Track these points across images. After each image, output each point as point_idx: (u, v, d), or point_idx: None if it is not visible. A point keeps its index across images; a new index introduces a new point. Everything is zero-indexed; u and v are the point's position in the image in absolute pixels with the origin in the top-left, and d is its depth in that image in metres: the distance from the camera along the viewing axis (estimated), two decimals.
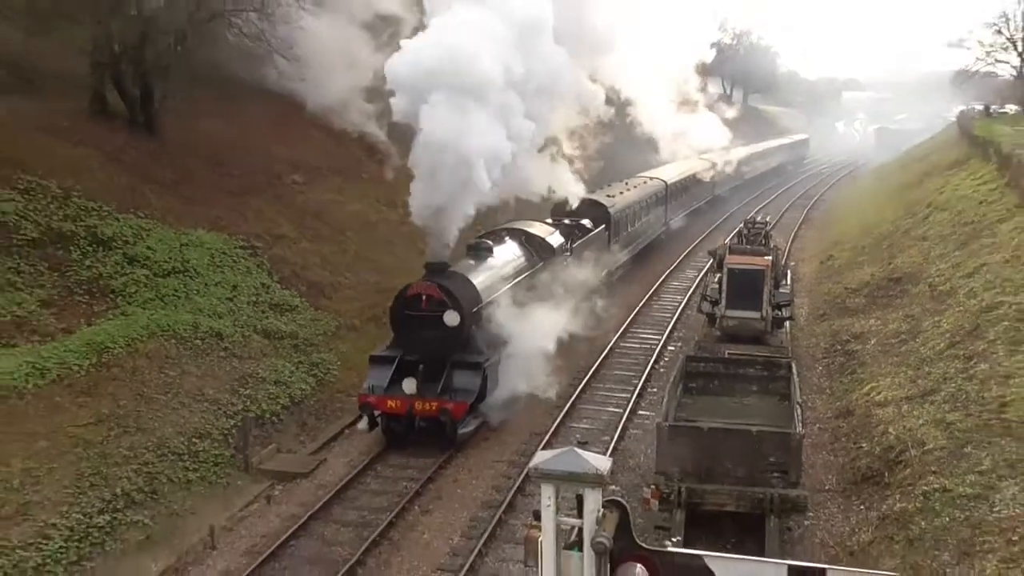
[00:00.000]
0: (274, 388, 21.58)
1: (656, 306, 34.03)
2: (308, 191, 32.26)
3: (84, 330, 20.08)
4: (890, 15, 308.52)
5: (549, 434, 21.47)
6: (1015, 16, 71.86)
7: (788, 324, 27.28)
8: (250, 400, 20.72)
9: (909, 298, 27.70)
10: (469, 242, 24.25)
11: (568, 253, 27.83)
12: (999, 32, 73.39)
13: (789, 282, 28.56)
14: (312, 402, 22.35)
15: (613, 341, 28.52)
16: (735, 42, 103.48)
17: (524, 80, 22.40)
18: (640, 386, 24.81)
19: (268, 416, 20.89)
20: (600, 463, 6.53)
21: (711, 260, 28.37)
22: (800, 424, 16.75)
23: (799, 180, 77.85)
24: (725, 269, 25.80)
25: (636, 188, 38.65)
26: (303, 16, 30.69)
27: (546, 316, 23.44)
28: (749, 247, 27.65)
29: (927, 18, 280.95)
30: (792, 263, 36.73)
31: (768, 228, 31.47)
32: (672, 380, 19.37)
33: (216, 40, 32.01)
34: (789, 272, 30.33)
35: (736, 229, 32.23)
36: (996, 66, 78.61)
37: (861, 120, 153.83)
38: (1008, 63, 76.61)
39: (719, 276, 26.19)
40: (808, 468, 18.62)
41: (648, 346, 28.62)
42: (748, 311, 25.35)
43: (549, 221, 29.45)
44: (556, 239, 27.36)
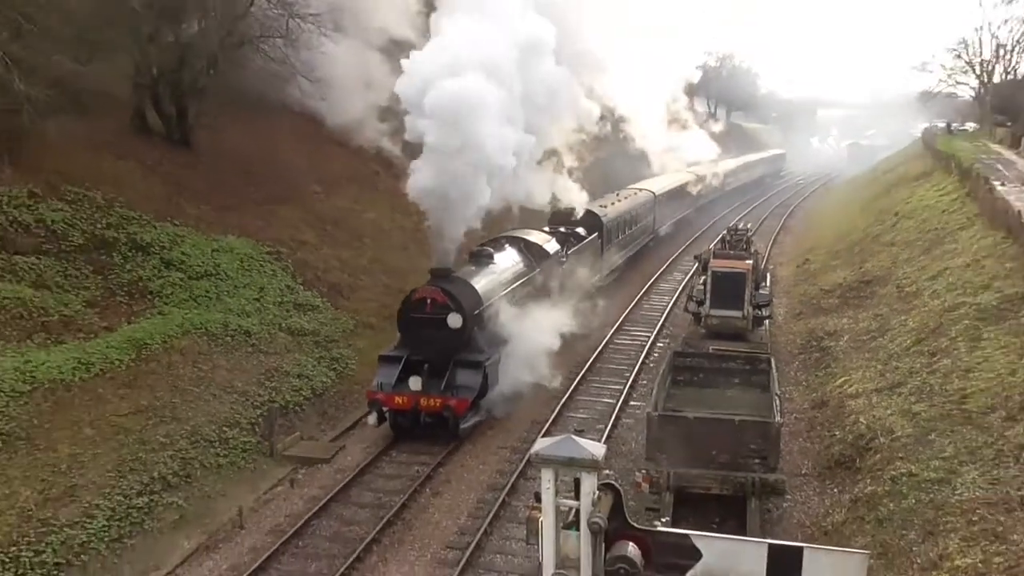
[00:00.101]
0: (297, 381, 21.56)
1: (647, 306, 33.95)
2: (328, 200, 32.25)
3: (125, 328, 20.09)
4: (861, 40, 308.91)
5: (549, 423, 21.43)
6: (973, 43, 72.45)
7: (767, 322, 27.31)
8: (275, 392, 20.71)
9: (878, 299, 27.64)
10: (471, 249, 24.10)
11: (564, 259, 27.61)
12: (959, 57, 73.92)
13: (768, 284, 28.52)
14: (332, 394, 22.32)
15: (607, 338, 28.45)
16: (719, 64, 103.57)
17: (525, 97, 22.24)
18: (632, 379, 24.76)
19: (292, 406, 20.88)
20: (595, 449, 6.52)
21: (697, 264, 28.37)
22: (779, 414, 16.73)
23: (777, 191, 77.64)
24: (709, 272, 25.84)
25: (627, 199, 38.51)
26: (324, 42, 30.71)
27: (543, 317, 23.36)
28: (732, 252, 27.63)
29: (894, 43, 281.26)
30: (771, 267, 36.64)
31: (749, 234, 31.42)
32: (661, 373, 19.33)
33: (245, 63, 32.05)
34: (768, 275, 30.29)
35: (720, 235, 32.16)
36: (957, 87, 79.21)
37: (834, 136, 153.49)
38: (967, 84, 77.23)
39: (704, 278, 26.21)
40: (786, 454, 18.60)
41: (639, 342, 28.55)
42: (731, 310, 25.39)
43: (546, 229, 29.21)
44: (552, 246, 27.14)
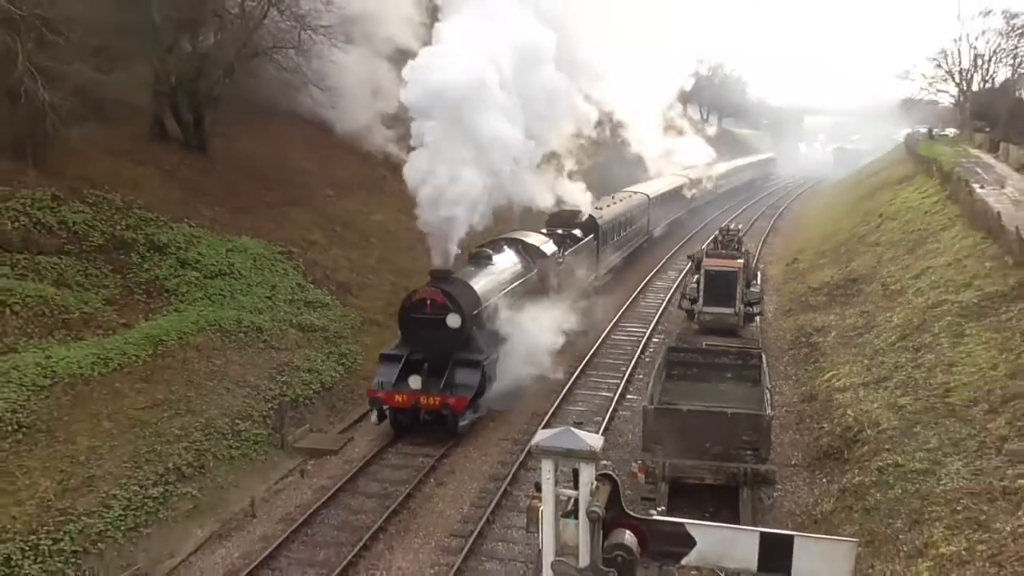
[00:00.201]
0: (307, 375, 21.43)
1: (642, 303, 33.82)
2: (338, 203, 32.17)
3: (142, 325, 19.99)
4: (846, 50, 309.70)
5: (548, 415, 21.30)
6: (953, 53, 72.69)
7: (758, 319, 27.19)
8: (286, 386, 20.58)
9: (864, 296, 27.52)
10: (471, 250, 23.79)
11: (561, 260, 27.27)
12: (939, 66, 74.28)
13: (759, 282, 28.41)
14: (341, 387, 22.20)
15: (604, 334, 28.32)
16: (711, 73, 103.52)
17: (526, 101, 22.03)
18: (628, 373, 24.62)
19: (302, 400, 20.75)
20: (593, 441, 6.38)
21: (690, 263, 28.26)
22: (769, 407, 16.68)
23: (767, 193, 77.49)
24: (702, 271, 25.76)
25: (622, 201, 38.28)
26: (334, 52, 30.64)
27: (542, 316, 23.14)
28: (724, 251, 27.57)
29: (878, 53, 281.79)
30: (762, 266, 36.44)
31: (740, 235, 31.30)
32: (656, 368, 19.25)
33: (259, 73, 32.05)
34: (759, 273, 30.16)
35: (712, 236, 32.03)
36: (937, 95, 79.73)
37: (821, 141, 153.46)
38: (947, 92, 77.77)
39: (697, 277, 26.12)
40: (776, 446, 18.49)
41: (635, 338, 28.41)
42: (723, 308, 25.29)
43: (544, 231, 28.89)
44: (550, 247, 26.76)
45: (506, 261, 24.34)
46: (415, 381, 19.58)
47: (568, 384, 23.44)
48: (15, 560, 13.02)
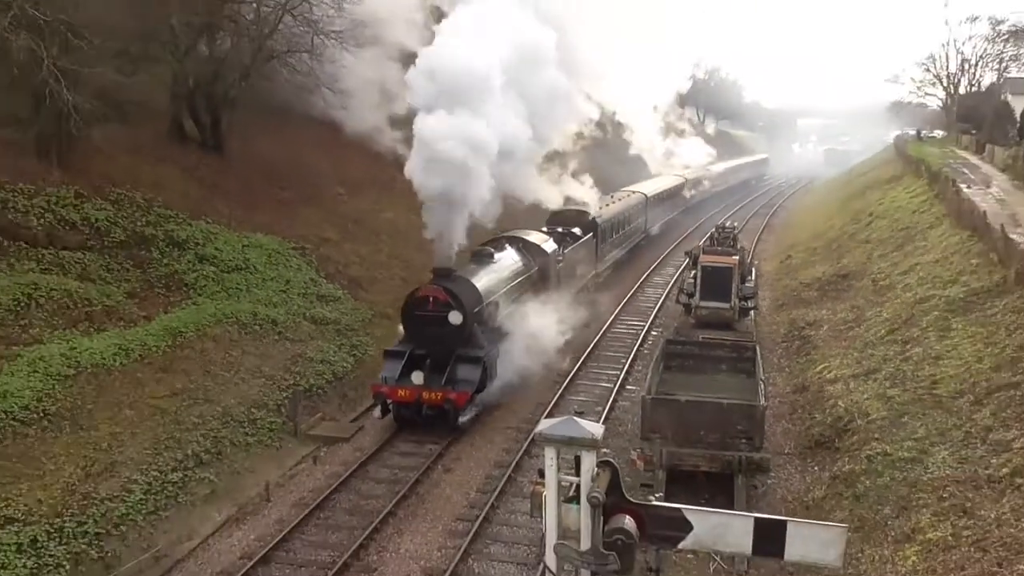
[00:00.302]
0: (320, 366, 21.41)
1: (641, 298, 33.76)
2: (349, 201, 32.16)
3: (162, 317, 20.02)
4: (837, 55, 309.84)
5: (551, 405, 21.29)
6: (940, 57, 72.63)
7: (753, 313, 27.14)
8: (300, 376, 20.57)
9: (855, 292, 27.45)
10: (473, 249, 23.40)
11: (560, 258, 26.87)
12: (928, 70, 74.34)
13: (753, 278, 28.35)
14: (352, 378, 22.16)
15: (604, 328, 28.28)
16: (707, 77, 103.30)
17: (528, 101, 21.83)
18: (628, 365, 24.59)
19: (315, 389, 20.73)
20: (594, 429, 6.37)
21: (688, 259, 28.20)
22: (763, 398, 16.63)
23: (762, 192, 77.28)
24: (699, 267, 25.71)
25: (620, 200, 38.09)
26: (345, 56, 30.57)
27: (543, 312, 22.99)
28: (720, 248, 27.48)
29: (868, 58, 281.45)
30: (756, 262, 36.37)
31: (735, 232, 31.22)
32: (655, 360, 19.21)
33: (273, 76, 31.99)
34: (753, 269, 30.10)
35: (708, 233, 31.95)
36: (925, 98, 79.84)
37: (813, 142, 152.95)
38: (935, 95, 77.83)
39: (694, 273, 26.05)
40: (770, 435, 18.42)
41: (634, 332, 28.37)
42: (719, 302, 25.25)
43: (544, 229, 28.57)
44: (550, 245, 26.38)
45: (507, 259, 24.07)
46: (418, 376, 19.31)
47: (570, 375, 23.43)
48: (41, 541, 13.07)
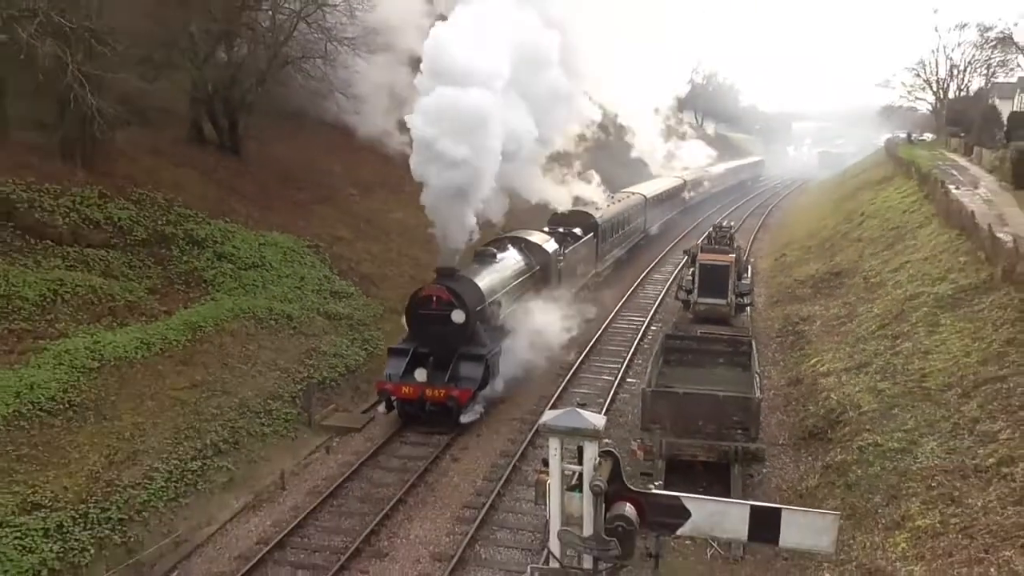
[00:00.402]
0: (333, 359, 21.45)
1: (641, 295, 33.72)
2: (361, 202, 32.18)
3: (182, 312, 20.04)
4: (831, 60, 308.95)
5: (555, 397, 21.28)
6: (930, 63, 72.55)
7: (749, 309, 27.09)
8: (313, 369, 20.61)
9: (847, 288, 27.38)
10: (476, 249, 23.18)
11: (561, 258, 26.59)
12: (918, 75, 74.18)
13: (749, 275, 28.27)
14: (364, 370, 22.17)
15: (606, 323, 28.26)
16: (705, 81, 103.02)
17: (531, 102, 21.69)
18: (628, 359, 24.57)
19: (328, 382, 20.77)
20: (596, 420, 6.39)
21: (686, 257, 28.16)
22: (758, 390, 16.63)
23: (758, 193, 77.03)
24: (697, 264, 25.67)
25: (620, 201, 37.90)
26: (358, 62, 30.57)
27: (545, 309, 22.87)
28: (717, 247, 27.43)
29: (860, 63, 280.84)
30: (752, 260, 36.25)
31: (732, 231, 31.14)
32: (654, 354, 19.19)
33: (288, 82, 32.05)
34: (750, 267, 30.01)
35: (706, 232, 31.89)
36: (916, 102, 79.77)
37: (807, 144, 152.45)
38: (925, 100, 77.72)
39: (693, 270, 26.02)
40: (765, 426, 18.42)
41: (635, 327, 28.35)
42: (716, 298, 25.22)
43: (546, 230, 28.30)
44: (551, 245, 26.13)
45: (509, 259, 23.78)
46: (421, 374, 19.11)
47: (573, 368, 23.42)
48: (67, 527, 13.13)
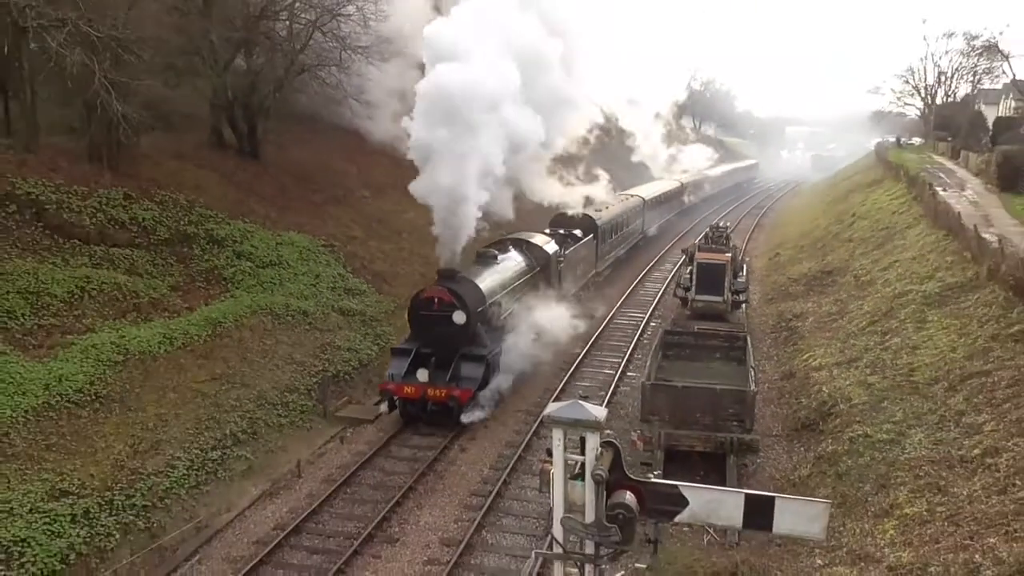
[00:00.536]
0: (347, 353, 21.48)
1: (640, 292, 33.66)
2: (374, 203, 32.16)
3: (202, 308, 20.09)
4: (823, 67, 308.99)
5: (558, 390, 21.29)
6: (919, 70, 72.44)
7: (744, 306, 27.02)
8: (328, 363, 20.64)
9: (838, 286, 27.28)
10: (478, 250, 22.88)
11: (562, 258, 26.27)
12: (907, 82, 73.93)
13: (745, 273, 28.25)
14: (376, 364, 22.17)
15: (607, 319, 28.21)
16: (703, 88, 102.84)
17: (536, 107, 21.56)
18: (629, 353, 24.53)
19: (342, 375, 20.81)
20: (598, 412, 6.36)
21: (684, 257, 28.09)
22: (753, 383, 16.61)
23: (752, 195, 76.79)
24: (695, 263, 25.62)
25: (620, 203, 37.73)
26: (371, 69, 30.58)
27: (546, 308, 22.73)
28: (714, 246, 27.38)
29: (851, 70, 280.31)
30: (747, 259, 36.15)
31: (728, 231, 31.07)
32: (653, 348, 19.17)
33: (305, 88, 32.11)
34: (745, 266, 29.97)
35: (703, 233, 31.81)
36: (905, 108, 79.65)
37: (800, 148, 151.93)
38: (914, 105, 77.57)
39: (690, 269, 25.97)
40: (760, 418, 18.37)
41: (635, 323, 28.30)
42: (713, 296, 25.15)
43: (547, 231, 27.94)
44: (552, 247, 25.71)
45: (510, 260, 23.39)
46: (423, 374, 18.82)
47: (575, 363, 23.38)
48: (93, 513, 13.18)
